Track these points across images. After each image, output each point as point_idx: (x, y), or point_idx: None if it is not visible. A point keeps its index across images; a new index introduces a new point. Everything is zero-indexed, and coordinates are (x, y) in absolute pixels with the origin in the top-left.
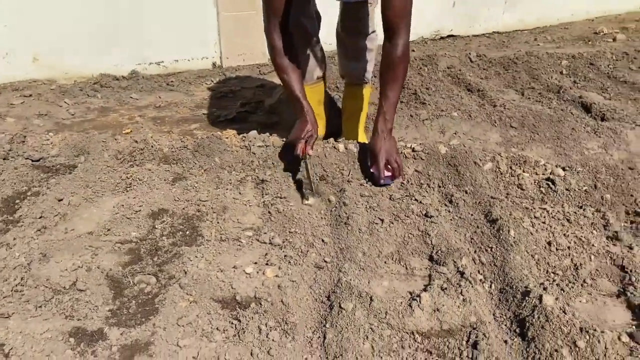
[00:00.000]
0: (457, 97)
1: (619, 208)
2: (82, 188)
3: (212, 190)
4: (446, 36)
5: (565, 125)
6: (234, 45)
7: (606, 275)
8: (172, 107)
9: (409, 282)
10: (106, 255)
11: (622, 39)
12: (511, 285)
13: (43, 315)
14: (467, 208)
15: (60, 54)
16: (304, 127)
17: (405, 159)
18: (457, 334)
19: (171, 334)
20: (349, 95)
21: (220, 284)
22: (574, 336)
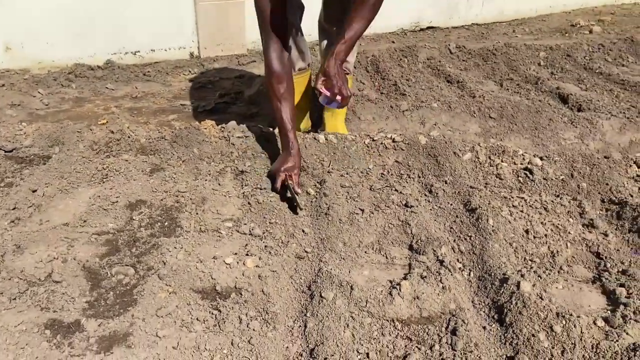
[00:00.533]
0: (437, 88)
1: (595, 196)
2: (57, 179)
3: (191, 181)
4: (426, 28)
5: (543, 116)
6: (212, 36)
7: (582, 261)
8: (149, 98)
9: (389, 271)
10: (82, 247)
11: (598, 31)
12: (490, 272)
13: (17, 308)
14: (446, 198)
15: (33, 44)
16: (286, 160)
17: (386, 149)
18: (436, 321)
19: (150, 324)
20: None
21: (199, 274)
22: (551, 321)
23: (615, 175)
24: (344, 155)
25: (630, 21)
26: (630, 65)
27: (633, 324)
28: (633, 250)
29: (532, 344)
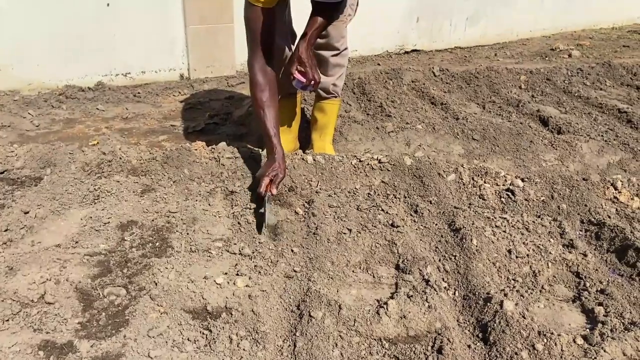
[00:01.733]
0: (421, 110)
1: (574, 217)
2: (49, 200)
3: (182, 202)
4: (410, 51)
5: (524, 138)
6: (202, 57)
7: (562, 281)
8: (140, 119)
9: (377, 291)
10: (75, 268)
11: (577, 55)
12: (474, 292)
13: (11, 329)
14: (431, 218)
15: (23, 65)
16: (271, 165)
17: (372, 170)
18: (422, 340)
19: (142, 345)
20: (318, 108)
21: (191, 294)
22: (533, 339)
23: (594, 197)
24: (331, 176)
25: (608, 45)
26: (607, 89)
27: (610, 341)
28: (611, 270)
29: None
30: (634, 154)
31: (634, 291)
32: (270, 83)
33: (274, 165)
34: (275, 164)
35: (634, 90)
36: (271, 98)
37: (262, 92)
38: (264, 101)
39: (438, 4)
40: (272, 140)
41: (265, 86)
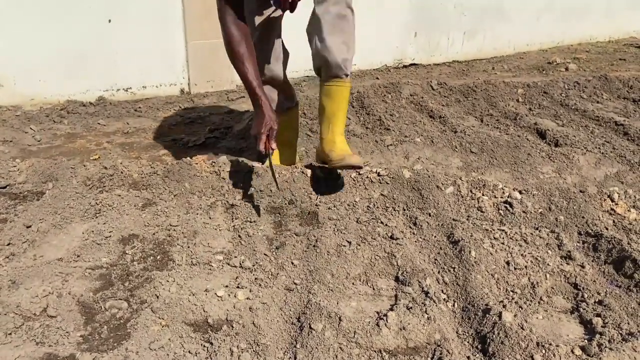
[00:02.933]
0: (420, 123)
1: (572, 229)
2: (51, 214)
3: (183, 215)
4: (409, 64)
5: (522, 151)
6: (202, 72)
7: (561, 292)
8: (141, 133)
9: (376, 302)
10: (77, 281)
11: (574, 69)
12: (473, 303)
13: (14, 342)
14: (430, 230)
15: (26, 81)
16: (263, 120)
17: (371, 183)
18: (422, 352)
19: (144, 357)
20: (324, 93)
21: (192, 307)
22: (532, 350)
23: (591, 209)
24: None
25: (604, 59)
26: (604, 102)
27: (608, 352)
28: (608, 282)
29: None
30: (631, 166)
31: (632, 302)
32: (245, 35)
33: (265, 120)
34: (265, 118)
35: (630, 103)
36: (248, 50)
37: (239, 44)
38: (242, 54)
39: (435, 19)
40: (257, 92)
41: (241, 39)
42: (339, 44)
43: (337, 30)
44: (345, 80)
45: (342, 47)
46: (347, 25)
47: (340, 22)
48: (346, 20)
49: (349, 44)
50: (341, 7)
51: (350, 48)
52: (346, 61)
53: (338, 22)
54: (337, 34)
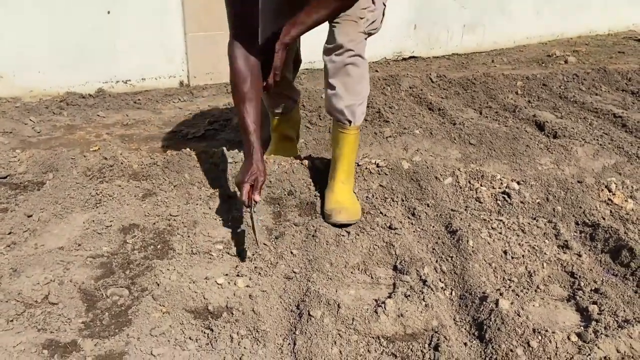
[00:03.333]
0: (419, 115)
1: (569, 219)
2: (52, 204)
3: (182, 206)
4: (408, 57)
5: (520, 143)
6: (202, 64)
7: (557, 281)
8: (140, 125)
9: (375, 291)
10: (78, 270)
11: (573, 62)
12: (470, 291)
13: (15, 329)
14: (428, 220)
15: (25, 72)
16: (249, 169)
17: (370, 174)
18: (420, 338)
19: (145, 343)
20: (332, 134)
21: (192, 294)
22: (528, 337)
23: (588, 199)
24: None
25: (603, 51)
26: (603, 94)
27: (604, 338)
28: (605, 270)
29: (510, 359)
30: (629, 157)
31: (628, 290)
32: (253, 71)
33: (252, 169)
34: (253, 167)
35: (628, 95)
36: (253, 89)
37: (244, 82)
38: (245, 93)
39: (435, 12)
40: (250, 137)
41: (247, 75)
42: (342, 91)
43: (340, 76)
44: (348, 128)
45: (345, 94)
46: (353, 71)
47: (345, 69)
48: (353, 66)
49: (353, 91)
50: (345, 57)
51: (354, 94)
52: (349, 108)
53: (343, 69)
54: (341, 80)
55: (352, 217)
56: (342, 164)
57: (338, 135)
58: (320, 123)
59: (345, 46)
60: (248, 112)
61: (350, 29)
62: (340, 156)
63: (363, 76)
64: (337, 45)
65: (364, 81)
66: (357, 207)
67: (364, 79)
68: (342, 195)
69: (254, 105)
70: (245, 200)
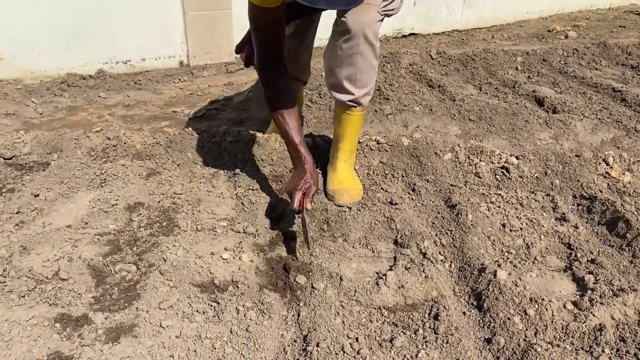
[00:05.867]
0: (419, 92)
1: (567, 192)
2: (57, 184)
3: (186, 184)
4: (408, 34)
5: (520, 118)
6: (201, 44)
7: (554, 252)
8: (141, 106)
9: (376, 264)
10: (86, 247)
11: (574, 36)
12: (469, 263)
13: (28, 304)
14: (428, 195)
15: (25, 54)
16: (302, 177)
17: (371, 151)
18: (420, 308)
19: (154, 316)
20: (334, 113)
21: (198, 269)
22: (525, 305)
23: (586, 173)
24: None
25: (604, 26)
26: (602, 68)
27: (599, 306)
28: (601, 242)
29: (507, 327)
30: (627, 131)
31: (624, 260)
32: (286, 84)
33: (305, 177)
34: (306, 175)
35: (628, 70)
36: (289, 101)
37: (278, 95)
38: (281, 105)
39: None
40: (299, 148)
41: (281, 88)
42: (348, 84)
43: (346, 67)
44: (353, 110)
45: (350, 86)
46: (362, 62)
47: (353, 59)
48: (362, 57)
49: (359, 83)
50: (354, 45)
51: (360, 87)
52: (354, 100)
53: (350, 58)
54: (346, 71)
55: (354, 198)
56: (345, 144)
57: (342, 115)
58: (320, 101)
59: (355, 33)
60: (290, 125)
61: (363, 10)
62: (343, 136)
63: (371, 65)
64: (346, 29)
65: (372, 71)
66: (359, 187)
67: (372, 69)
68: (344, 174)
69: (293, 116)
70: (296, 207)
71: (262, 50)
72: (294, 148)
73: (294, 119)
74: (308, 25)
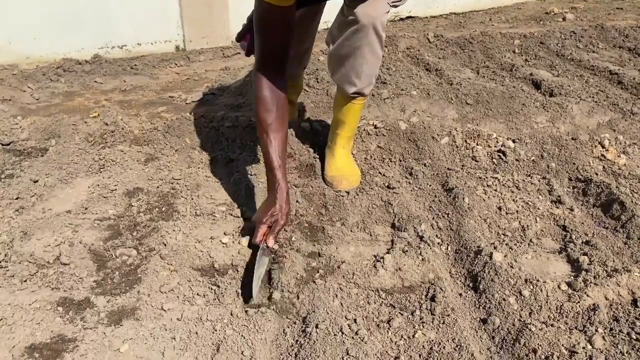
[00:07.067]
0: (416, 76)
1: (563, 175)
2: (56, 170)
3: (185, 169)
4: (405, 17)
5: (517, 102)
6: (197, 29)
7: (550, 234)
8: (138, 91)
9: (374, 247)
10: (86, 232)
11: (571, 19)
12: (465, 246)
13: (30, 288)
14: (425, 179)
15: (21, 39)
16: (270, 209)
17: (368, 135)
18: (417, 290)
19: (155, 299)
20: (335, 99)
21: (198, 253)
22: (520, 286)
23: (582, 155)
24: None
25: (602, 8)
26: (600, 51)
27: (593, 287)
28: (596, 223)
29: (503, 307)
30: (623, 114)
31: (618, 242)
32: (279, 102)
33: (274, 209)
34: (275, 207)
35: (625, 52)
36: (279, 120)
37: (269, 112)
38: (270, 124)
39: None
40: (276, 173)
41: (273, 105)
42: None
43: (351, 59)
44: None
45: (355, 79)
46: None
47: (360, 52)
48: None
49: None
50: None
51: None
52: (359, 91)
53: (357, 51)
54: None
55: (353, 184)
56: (345, 131)
57: (342, 103)
58: (317, 86)
59: (365, 25)
60: (273, 146)
61: (373, 2)
62: (343, 123)
63: (377, 57)
64: (355, 21)
65: (377, 62)
66: (357, 173)
67: (378, 60)
68: (342, 161)
69: (279, 137)
70: (257, 241)
71: (264, 56)
72: (271, 171)
73: (280, 140)
74: (314, 13)
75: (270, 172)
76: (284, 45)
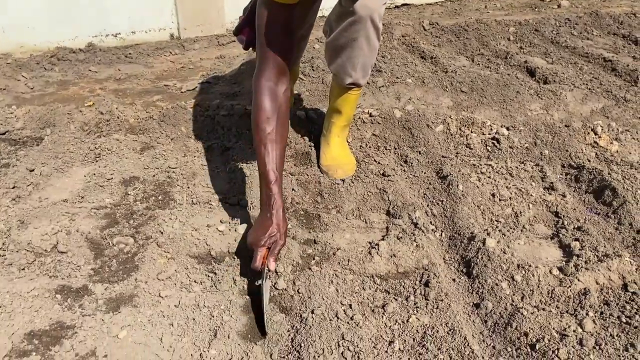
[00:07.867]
0: (411, 64)
1: (556, 162)
2: (52, 159)
3: (181, 158)
4: (401, 5)
5: (511, 89)
6: (191, 17)
7: (542, 220)
8: (133, 80)
9: (369, 234)
10: (83, 220)
11: (566, 6)
12: (459, 232)
13: (28, 276)
14: (420, 167)
15: (14, 28)
16: (267, 229)
17: (363, 123)
18: (411, 275)
19: (153, 286)
20: (331, 87)
21: (195, 241)
22: (512, 272)
23: (575, 142)
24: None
25: None
26: (594, 38)
27: (584, 272)
28: (588, 209)
29: (495, 292)
30: (617, 101)
31: (609, 227)
32: (280, 110)
33: (271, 229)
34: (272, 227)
35: (619, 39)
36: (279, 130)
37: (267, 121)
38: (269, 134)
39: None
40: (272, 187)
41: (274, 113)
42: (349, 68)
43: (348, 51)
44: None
45: (352, 71)
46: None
47: (357, 43)
48: (366, 41)
49: (361, 66)
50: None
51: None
52: (355, 82)
53: (355, 42)
54: (348, 55)
55: (348, 173)
56: (340, 120)
57: (338, 92)
58: (313, 74)
59: (362, 17)
60: (270, 157)
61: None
62: (338, 112)
63: (374, 48)
64: (353, 12)
65: (374, 53)
66: (352, 162)
67: (375, 51)
68: (337, 149)
69: (277, 148)
70: (258, 265)
71: (267, 60)
72: (267, 185)
73: (279, 153)
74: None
75: (266, 187)
76: (287, 48)
